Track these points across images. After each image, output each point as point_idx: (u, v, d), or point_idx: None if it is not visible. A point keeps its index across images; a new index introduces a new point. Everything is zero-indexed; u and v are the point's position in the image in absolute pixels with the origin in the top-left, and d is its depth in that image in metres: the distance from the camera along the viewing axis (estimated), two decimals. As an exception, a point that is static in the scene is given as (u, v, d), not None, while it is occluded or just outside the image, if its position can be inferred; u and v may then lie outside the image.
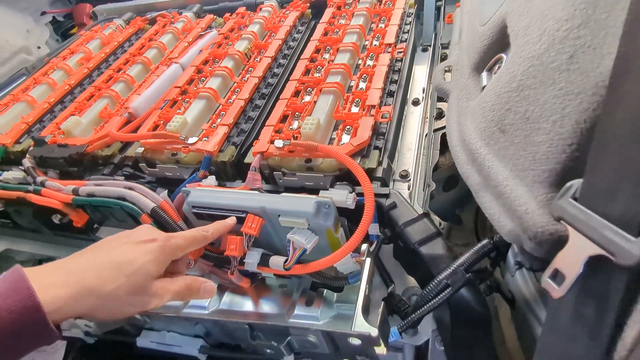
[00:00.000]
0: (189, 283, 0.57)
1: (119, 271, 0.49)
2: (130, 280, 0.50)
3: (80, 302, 0.46)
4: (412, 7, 1.16)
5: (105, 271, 0.49)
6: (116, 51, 1.36)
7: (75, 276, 0.47)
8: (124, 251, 0.53)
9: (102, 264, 0.50)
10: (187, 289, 0.57)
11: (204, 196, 0.72)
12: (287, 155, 0.77)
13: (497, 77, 0.58)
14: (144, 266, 0.52)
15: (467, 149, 0.60)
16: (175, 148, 0.85)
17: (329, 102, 0.85)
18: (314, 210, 0.64)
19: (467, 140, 0.61)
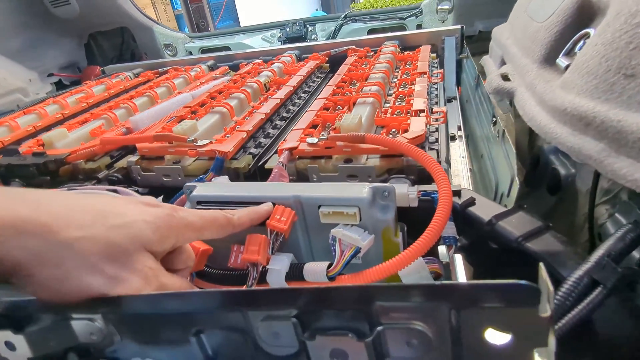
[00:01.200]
0: (184, 287, 0.38)
1: (96, 218, 0.32)
2: (110, 235, 0.31)
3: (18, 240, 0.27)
4: (435, 59, 1.14)
5: (76, 212, 0.31)
6: (120, 94, 1.28)
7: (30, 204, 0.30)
8: (115, 203, 0.35)
9: (77, 205, 0.32)
10: None
11: (213, 189, 0.54)
12: (322, 153, 0.62)
13: (601, 31, 0.48)
14: (137, 225, 0.34)
15: (572, 118, 0.47)
16: (181, 151, 0.69)
17: (366, 110, 0.73)
18: (370, 197, 0.47)
19: (568, 109, 0.48)
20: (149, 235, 0.34)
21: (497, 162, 0.64)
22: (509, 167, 0.55)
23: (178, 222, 0.37)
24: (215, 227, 0.41)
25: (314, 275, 0.45)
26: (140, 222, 0.34)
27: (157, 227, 0.35)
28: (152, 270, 0.34)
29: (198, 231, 0.39)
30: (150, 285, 0.33)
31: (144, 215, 0.35)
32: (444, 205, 0.46)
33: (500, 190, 0.60)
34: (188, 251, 0.42)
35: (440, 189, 0.47)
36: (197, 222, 0.39)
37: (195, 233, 0.39)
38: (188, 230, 0.38)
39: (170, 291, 0.35)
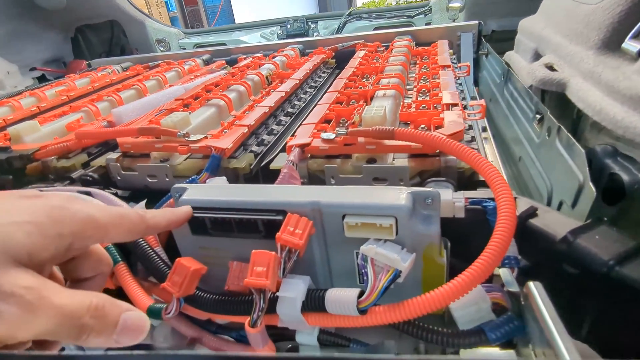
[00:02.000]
0: (98, 303, 0.26)
1: None
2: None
3: None
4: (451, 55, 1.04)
5: None
6: (106, 87, 1.17)
7: None
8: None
9: None
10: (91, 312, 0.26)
11: (208, 192, 0.43)
12: (340, 151, 0.52)
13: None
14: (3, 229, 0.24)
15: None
16: (170, 147, 0.58)
17: (388, 103, 0.63)
18: (410, 205, 0.36)
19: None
20: (21, 240, 0.24)
21: (548, 165, 0.54)
22: (574, 172, 0.45)
23: (71, 216, 0.28)
24: (124, 225, 0.32)
25: (340, 306, 0.34)
26: (11, 226, 0.25)
27: (35, 227, 0.25)
28: (32, 290, 0.23)
29: (101, 229, 0.30)
30: (34, 312, 0.23)
31: (17, 214, 0.25)
32: (507, 217, 0.35)
33: (557, 199, 0.50)
34: (98, 253, 0.33)
35: (500, 197, 0.37)
36: (99, 218, 0.30)
37: (98, 231, 0.30)
38: (87, 228, 0.29)
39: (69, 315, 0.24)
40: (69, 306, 0.24)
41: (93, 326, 0.25)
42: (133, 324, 0.27)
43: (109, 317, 0.26)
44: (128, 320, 0.27)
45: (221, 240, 0.42)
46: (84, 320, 0.25)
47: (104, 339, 0.26)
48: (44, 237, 0.26)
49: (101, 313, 0.26)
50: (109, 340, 0.26)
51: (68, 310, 0.24)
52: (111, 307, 0.27)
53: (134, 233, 0.33)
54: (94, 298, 0.26)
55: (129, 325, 0.27)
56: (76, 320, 0.24)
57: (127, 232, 0.32)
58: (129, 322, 0.27)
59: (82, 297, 0.26)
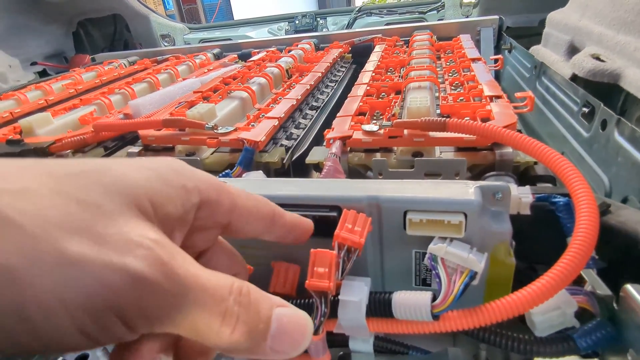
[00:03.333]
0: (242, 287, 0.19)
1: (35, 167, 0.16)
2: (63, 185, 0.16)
3: None
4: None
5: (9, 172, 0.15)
6: (114, 82, 1.13)
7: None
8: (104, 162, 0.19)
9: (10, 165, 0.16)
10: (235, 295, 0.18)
11: (254, 186, 0.40)
12: (385, 144, 0.48)
13: None
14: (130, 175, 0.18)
15: None
16: (197, 140, 0.55)
17: (425, 94, 0.60)
18: (480, 200, 0.33)
19: None
20: (142, 183, 0.18)
21: (603, 160, 0.51)
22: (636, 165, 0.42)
23: (193, 173, 0.21)
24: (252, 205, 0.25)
25: (411, 311, 0.31)
26: (137, 172, 0.18)
27: (156, 173, 0.19)
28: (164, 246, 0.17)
29: (230, 195, 0.23)
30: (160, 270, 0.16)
31: (146, 162, 0.20)
32: (589, 213, 0.32)
33: (619, 195, 0.47)
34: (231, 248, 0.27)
35: (578, 191, 0.34)
36: (226, 185, 0.23)
37: (227, 196, 0.23)
38: (214, 189, 0.22)
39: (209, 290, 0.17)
40: (209, 280, 0.18)
41: (239, 315, 0.18)
42: (292, 324, 0.19)
43: (259, 308, 0.19)
44: (284, 319, 0.19)
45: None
46: (227, 303, 0.18)
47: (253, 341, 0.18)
48: (167, 185, 0.19)
49: (247, 300, 0.18)
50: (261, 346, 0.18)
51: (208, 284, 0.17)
52: (260, 297, 0.19)
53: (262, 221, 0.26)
54: (236, 281, 0.19)
55: (286, 326, 0.19)
56: (219, 302, 0.17)
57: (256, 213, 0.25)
58: (285, 322, 0.19)
59: (222, 275, 0.19)
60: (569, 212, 0.37)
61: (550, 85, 0.71)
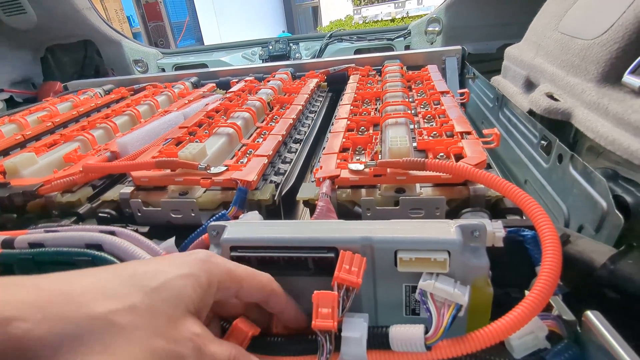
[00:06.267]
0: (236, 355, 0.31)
1: (131, 283, 0.26)
2: (151, 301, 0.26)
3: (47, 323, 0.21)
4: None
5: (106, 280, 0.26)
6: (90, 113, 1.13)
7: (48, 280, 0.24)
8: (141, 263, 0.30)
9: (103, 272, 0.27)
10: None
11: (251, 230, 0.43)
12: (370, 182, 0.53)
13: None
14: (176, 283, 0.28)
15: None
16: (191, 180, 0.57)
17: (403, 132, 0.65)
18: (461, 238, 0.38)
19: (673, 131, 0.42)
20: (190, 293, 0.28)
21: (561, 190, 0.57)
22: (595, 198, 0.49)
23: (216, 267, 0.31)
24: (255, 282, 0.35)
25: (406, 343, 0.35)
26: (178, 279, 0.28)
27: (196, 280, 0.29)
28: (200, 338, 0.28)
29: (238, 281, 0.33)
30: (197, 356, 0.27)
31: (179, 268, 0.29)
32: (553, 247, 0.37)
33: (576, 223, 0.53)
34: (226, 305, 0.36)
35: (542, 227, 0.39)
36: (236, 271, 0.33)
37: (236, 283, 0.33)
38: (228, 278, 0.32)
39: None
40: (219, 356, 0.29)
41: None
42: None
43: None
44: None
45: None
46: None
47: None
48: (201, 288, 0.29)
49: None
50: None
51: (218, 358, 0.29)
52: None
53: (263, 293, 0.35)
54: (233, 349, 0.31)
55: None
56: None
57: (257, 289, 0.34)
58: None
59: (227, 347, 0.30)
60: (535, 244, 0.42)
61: (511, 117, 0.78)
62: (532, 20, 0.91)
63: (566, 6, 0.76)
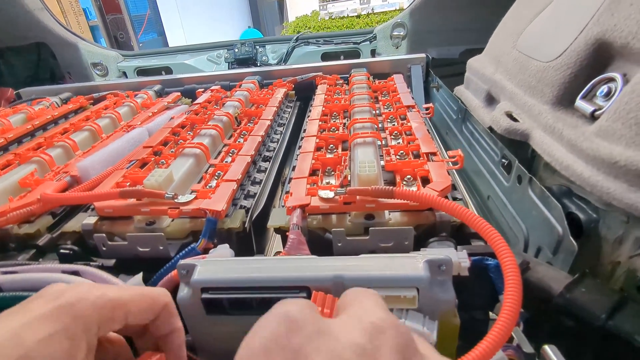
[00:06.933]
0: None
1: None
2: None
3: None
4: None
5: None
6: (47, 126, 1.07)
7: None
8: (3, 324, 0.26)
9: None
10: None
11: (223, 269, 0.42)
12: (340, 209, 0.53)
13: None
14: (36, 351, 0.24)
15: (628, 173, 0.44)
16: (158, 211, 0.56)
17: (371, 153, 0.66)
18: (429, 274, 0.39)
19: (619, 162, 0.45)
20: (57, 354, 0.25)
21: (521, 210, 0.60)
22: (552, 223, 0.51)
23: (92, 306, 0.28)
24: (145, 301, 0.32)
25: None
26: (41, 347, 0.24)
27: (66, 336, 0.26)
28: None
29: (123, 307, 0.30)
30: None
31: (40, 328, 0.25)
32: (515, 281, 0.39)
33: (534, 244, 0.56)
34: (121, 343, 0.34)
35: (504, 259, 0.41)
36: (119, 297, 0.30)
37: (120, 311, 0.30)
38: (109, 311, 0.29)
39: None
40: None
41: None
42: None
43: None
44: None
45: (238, 318, 0.42)
46: None
47: None
48: (73, 340, 0.26)
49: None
50: None
51: None
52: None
53: (155, 310, 0.33)
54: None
55: None
56: None
57: (148, 308, 0.32)
58: None
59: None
60: (498, 273, 0.44)
61: (474, 132, 0.81)
62: (492, 34, 0.95)
63: (522, 25, 0.79)
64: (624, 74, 0.53)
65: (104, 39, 7.35)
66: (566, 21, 0.64)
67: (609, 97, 0.53)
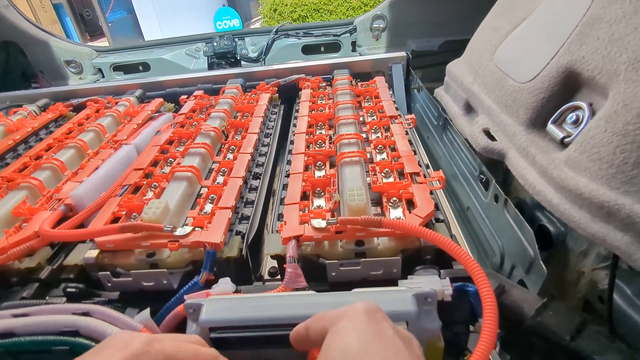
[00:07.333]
0: None
1: None
2: None
3: None
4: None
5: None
6: (28, 139, 1.06)
7: None
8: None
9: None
10: None
11: (229, 308, 0.46)
12: (331, 238, 0.57)
13: (609, 118, 0.50)
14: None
15: (591, 205, 0.49)
16: (158, 244, 0.58)
17: (357, 174, 0.70)
18: (416, 308, 0.44)
19: (584, 194, 0.50)
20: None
21: (497, 228, 0.65)
22: (524, 245, 0.56)
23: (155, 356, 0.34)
24: None
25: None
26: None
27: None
28: None
29: None
30: None
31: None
32: (490, 312, 0.44)
33: (509, 262, 0.62)
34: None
35: (482, 289, 0.46)
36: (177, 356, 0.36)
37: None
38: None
39: None
40: None
41: None
42: None
43: None
44: None
45: (245, 353, 0.46)
46: None
47: None
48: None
49: None
50: None
51: None
52: None
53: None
54: None
55: None
56: None
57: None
58: None
59: None
60: (477, 299, 0.49)
61: (454, 141, 0.85)
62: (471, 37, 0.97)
63: (500, 37, 0.82)
64: (590, 104, 0.57)
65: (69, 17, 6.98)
66: (540, 43, 0.68)
67: (577, 124, 0.58)
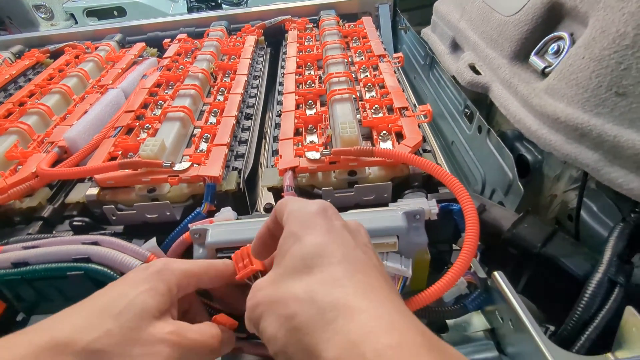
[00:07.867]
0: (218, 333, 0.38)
1: (101, 314, 0.33)
2: (120, 322, 0.32)
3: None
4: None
5: (82, 318, 0.33)
6: (7, 86, 1.03)
7: (44, 331, 0.31)
8: (108, 290, 0.36)
9: (81, 312, 0.34)
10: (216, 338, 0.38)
11: (232, 231, 0.49)
12: (326, 168, 0.60)
13: (587, 45, 0.52)
14: (137, 300, 0.34)
15: (566, 128, 0.53)
16: (158, 179, 0.60)
17: (348, 110, 0.71)
18: (406, 224, 0.48)
19: (562, 119, 0.53)
20: (152, 303, 0.34)
21: (480, 157, 0.69)
22: (504, 170, 0.61)
23: (172, 274, 0.38)
24: (212, 272, 0.41)
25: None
26: (138, 295, 0.34)
27: (154, 289, 0.35)
28: (173, 333, 0.34)
29: (195, 277, 0.40)
30: (180, 347, 0.33)
31: (138, 285, 0.35)
32: (472, 225, 0.49)
33: (490, 187, 0.66)
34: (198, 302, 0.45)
35: (466, 208, 0.50)
36: (192, 269, 0.39)
37: (193, 279, 0.39)
38: (185, 278, 0.39)
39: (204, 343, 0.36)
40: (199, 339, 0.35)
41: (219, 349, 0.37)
42: None
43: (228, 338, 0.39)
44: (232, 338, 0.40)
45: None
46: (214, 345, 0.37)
47: None
48: (162, 295, 0.35)
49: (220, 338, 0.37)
50: None
51: (199, 342, 0.35)
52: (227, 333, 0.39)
53: (222, 278, 0.42)
54: (212, 328, 0.37)
55: None
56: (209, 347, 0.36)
57: (216, 277, 0.41)
58: None
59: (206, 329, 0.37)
60: (461, 216, 0.53)
61: (440, 80, 0.87)
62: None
63: (487, -29, 0.82)
64: (571, 33, 0.59)
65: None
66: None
67: (558, 54, 0.60)
